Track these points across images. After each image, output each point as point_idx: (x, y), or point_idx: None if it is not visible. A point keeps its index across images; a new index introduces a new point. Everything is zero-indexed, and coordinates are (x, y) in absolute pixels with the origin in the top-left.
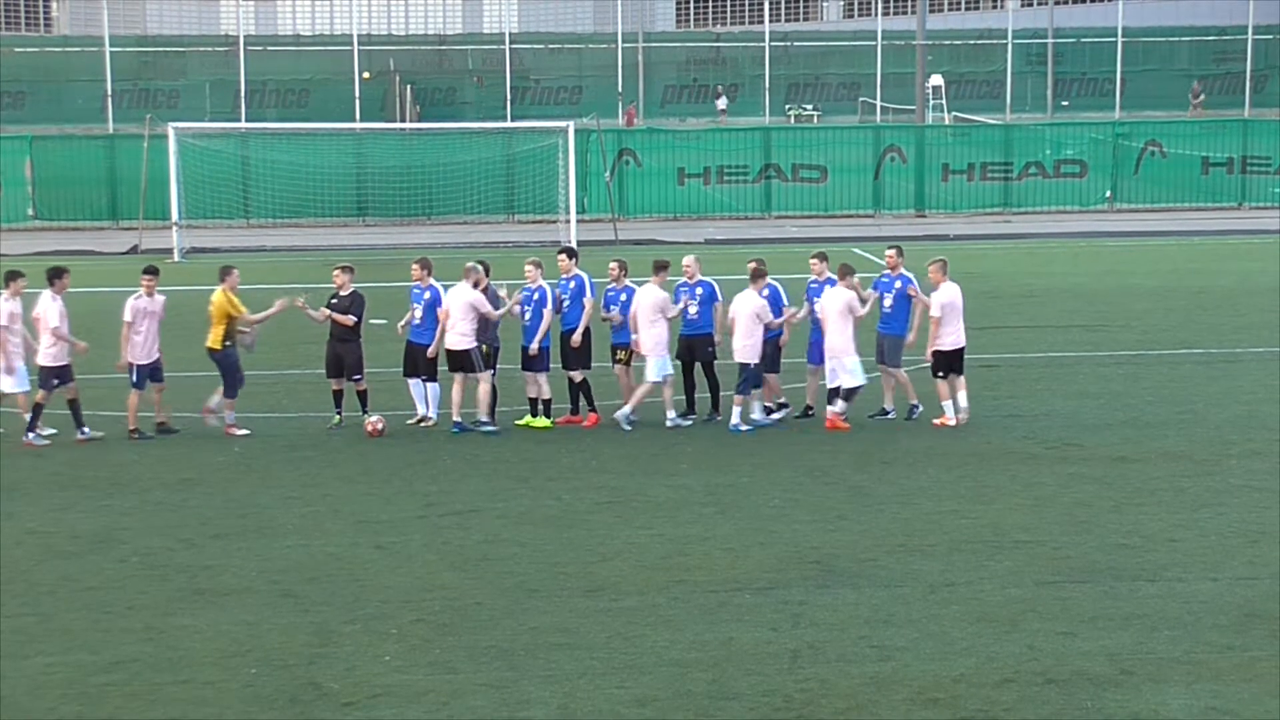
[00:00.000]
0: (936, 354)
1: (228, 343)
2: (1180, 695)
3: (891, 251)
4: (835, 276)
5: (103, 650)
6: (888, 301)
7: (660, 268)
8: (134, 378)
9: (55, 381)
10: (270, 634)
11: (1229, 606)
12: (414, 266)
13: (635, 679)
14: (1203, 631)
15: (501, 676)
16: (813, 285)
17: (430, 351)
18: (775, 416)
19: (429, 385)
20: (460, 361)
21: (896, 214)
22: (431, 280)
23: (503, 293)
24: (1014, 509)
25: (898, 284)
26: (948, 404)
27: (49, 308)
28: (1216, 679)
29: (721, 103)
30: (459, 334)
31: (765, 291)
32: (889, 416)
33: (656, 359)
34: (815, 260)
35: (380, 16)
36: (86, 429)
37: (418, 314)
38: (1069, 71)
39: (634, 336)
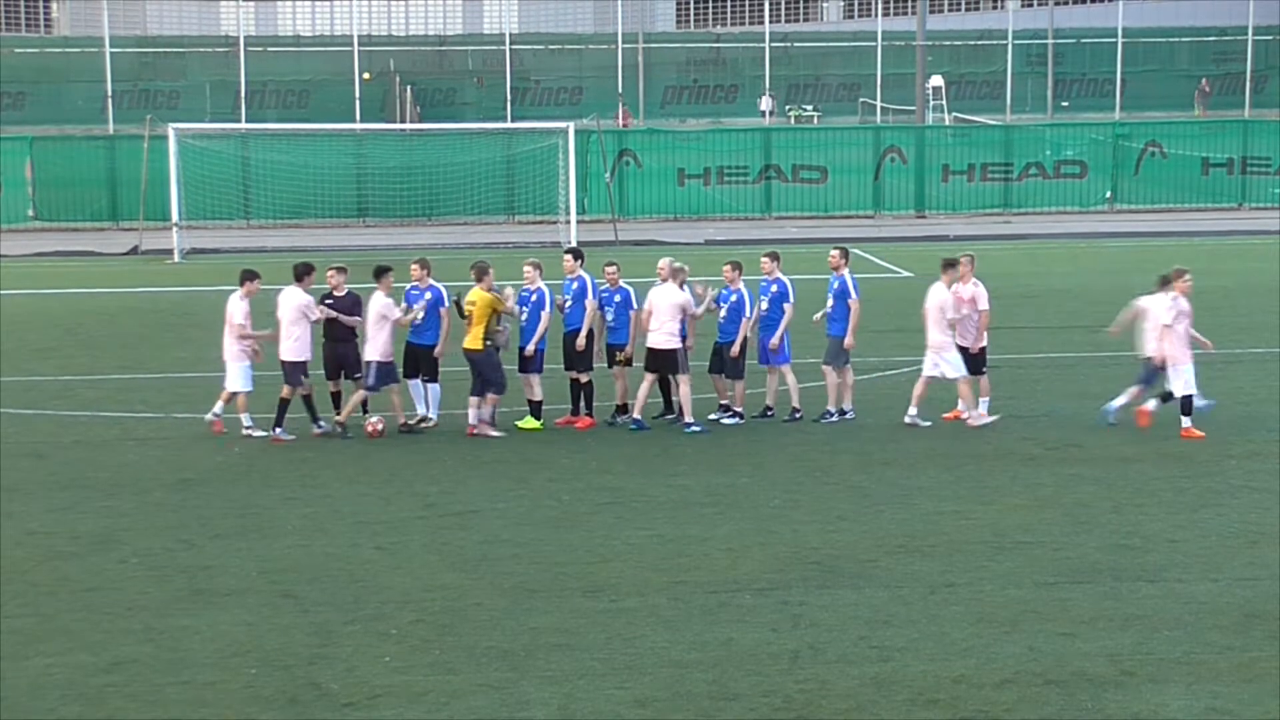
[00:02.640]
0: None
1: (488, 342)
2: (1180, 696)
3: (835, 252)
4: (783, 276)
5: (103, 651)
6: (829, 302)
7: (948, 266)
8: (373, 378)
9: (303, 376)
10: (270, 634)
11: (1229, 607)
12: (413, 267)
13: (635, 680)
14: (1203, 632)
15: (501, 677)
16: (762, 285)
17: (437, 351)
18: (726, 421)
19: (429, 386)
20: (664, 361)
21: (896, 215)
22: (431, 280)
23: (508, 291)
24: (1014, 510)
25: (835, 284)
26: (984, 400)
27: (302, 302)
28: (1216, 680)
29: (765, 103)
30: (666, 334)
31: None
32: (848, 417)
33: (951, 356)
34: (766, 259)
35: (380, 17)
36: (322, 423)
37: (419, 314)
38: (1069, 72)
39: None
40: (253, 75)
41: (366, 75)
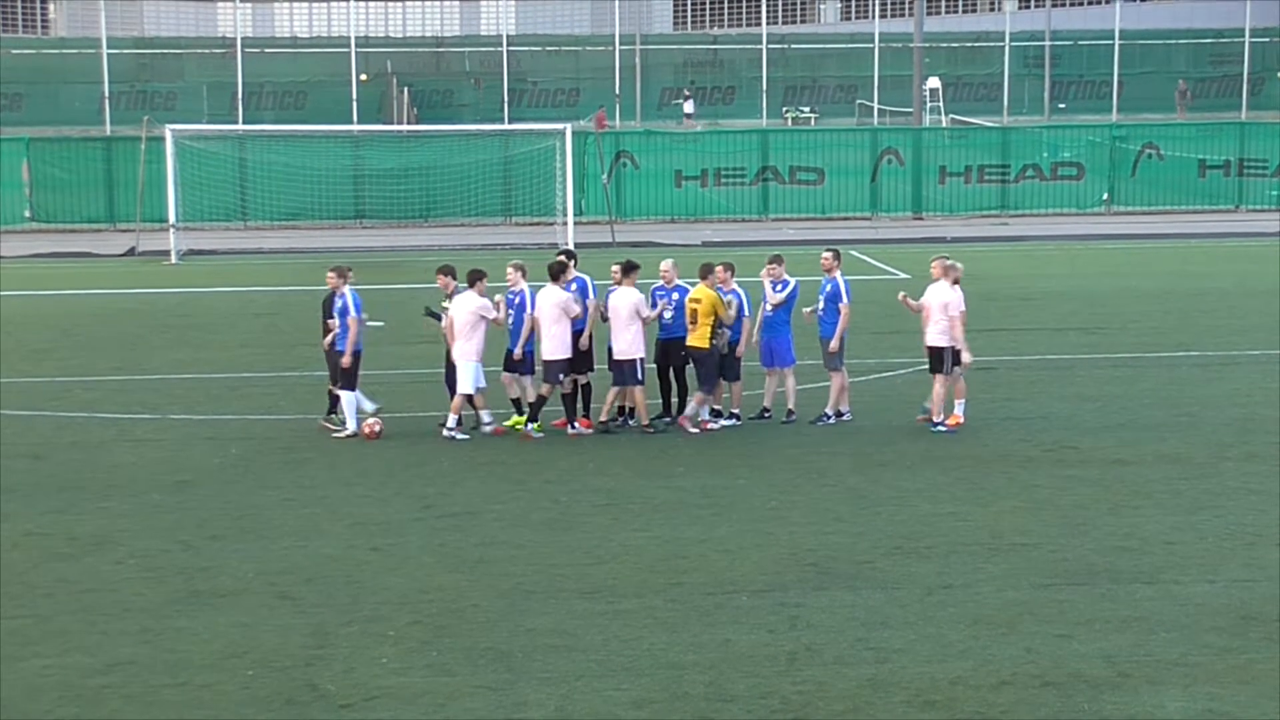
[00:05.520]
0: (928, 349)
1: (714, 341)
2: (1177, 698)
3: (828, 254)
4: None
5: (99, 652)
6: (819, 304)
7: None
8: (638, 374)
9: (561, 376)
10: (267, 636)
11: (1226, 609)
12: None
13: (632, 681)
14: (1200, 634)
15: (498, 678)
16: (777, 285)
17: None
18: (723, 423)
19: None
20: (940, 360)
21: (894, 216)
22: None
23: (498, 298)
24: (1011, 511)
25: (828, 287)
26: (927, 403)
27: (560, 300)
28: (1213, 681)
29: (689, 106)
30: (939, 331)
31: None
32: (845, 419)
33: None
34: (772, 264)
35: (378, 19)
36: (576, 425)
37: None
38: (1066, 74)
39: None
40: (250, 76)
41: (364, 77)
